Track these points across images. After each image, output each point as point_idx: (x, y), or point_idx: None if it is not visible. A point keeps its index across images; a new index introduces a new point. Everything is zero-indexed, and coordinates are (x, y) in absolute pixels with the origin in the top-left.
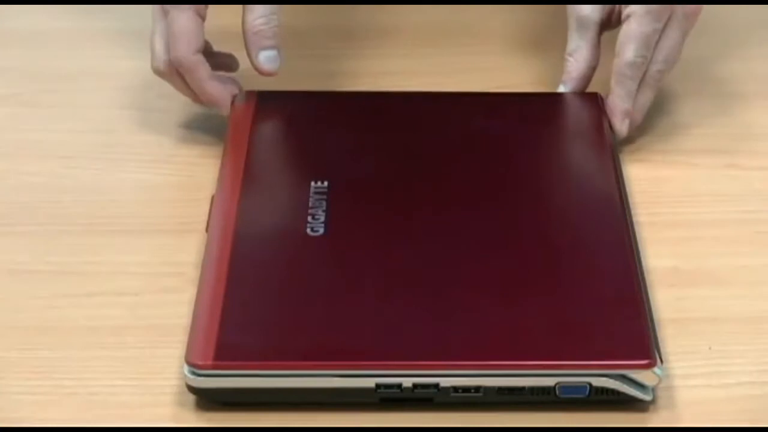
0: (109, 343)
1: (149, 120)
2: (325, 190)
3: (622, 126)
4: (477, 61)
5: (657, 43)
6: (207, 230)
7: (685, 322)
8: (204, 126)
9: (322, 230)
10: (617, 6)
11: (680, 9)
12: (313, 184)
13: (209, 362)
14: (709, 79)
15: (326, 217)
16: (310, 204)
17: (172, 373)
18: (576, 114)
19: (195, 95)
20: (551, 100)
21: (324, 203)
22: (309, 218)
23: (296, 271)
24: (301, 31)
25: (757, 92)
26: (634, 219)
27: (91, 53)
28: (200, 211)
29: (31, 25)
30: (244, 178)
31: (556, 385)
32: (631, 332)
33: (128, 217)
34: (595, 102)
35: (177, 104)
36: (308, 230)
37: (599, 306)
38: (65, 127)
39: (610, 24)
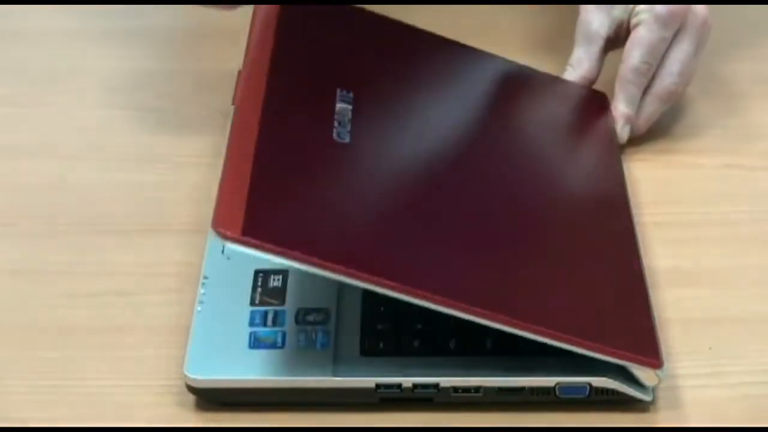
0: (109, 343)
1: (148, 120)
2: (351, 99)
3: (622, 131)
4: None
5: (668, 54)
6: (233, 103)
7: (685, 322)
8: (203, 126)
9: (348, 139)
10: (626, 22)
11: (691, 20)
12: (338, 90)
13: (237, 234)
14: (711, 79)
15: (351, 126)
16: (336, 110)
17: (172, 373)
18: (587, 108)
19: None
20: (569, 88)
21: (349, 112)
22: (335, 123)
23: (323, 172)
24: None
25: (759, 93)
26: (635, 219)
27: (90, 53)
28: (200, 211)
29: (31, 25)
30: (271, 63)
31: (556, 385)
32: (638, 331)
33: (127, 217)
34: (603, 101)
35: (175, 104)
36: (335, 135)
37: (605, 305)
38: (65, 127)
39: (617, 41)
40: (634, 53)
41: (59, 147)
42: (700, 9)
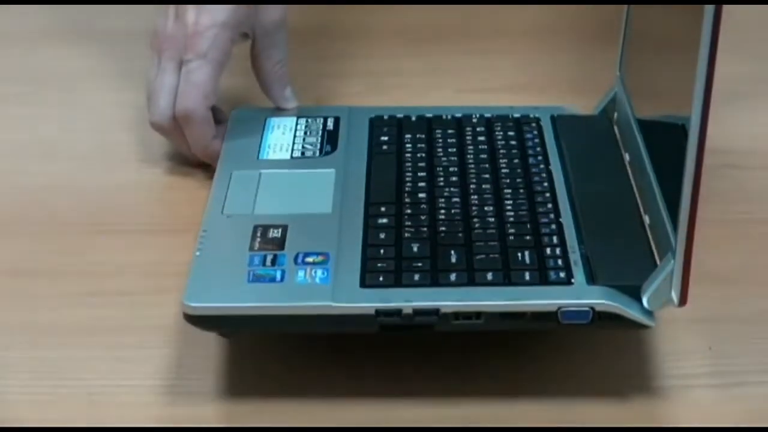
0: (109, 343)
1: (148, 120)
2: None
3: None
4: (476, 60)
5: None
6: None
7: (685, 322)
8: None
9: None
10: None
11: None
12: None
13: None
14: None
15: None
16: None
17: (172, 373)
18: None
19: (191, 150)
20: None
21: None
22: None
23: None
24: (299, 31)
25: (758, 92)
26: None
27: (91, 54)
28: (200, 211)
29: (32, 26)
30: None
31: (558, 309)
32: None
33: (128, 217)
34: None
35: None
36: None
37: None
38: (65, 128)
39: None
40: None
41: (59, 147)
42: None
